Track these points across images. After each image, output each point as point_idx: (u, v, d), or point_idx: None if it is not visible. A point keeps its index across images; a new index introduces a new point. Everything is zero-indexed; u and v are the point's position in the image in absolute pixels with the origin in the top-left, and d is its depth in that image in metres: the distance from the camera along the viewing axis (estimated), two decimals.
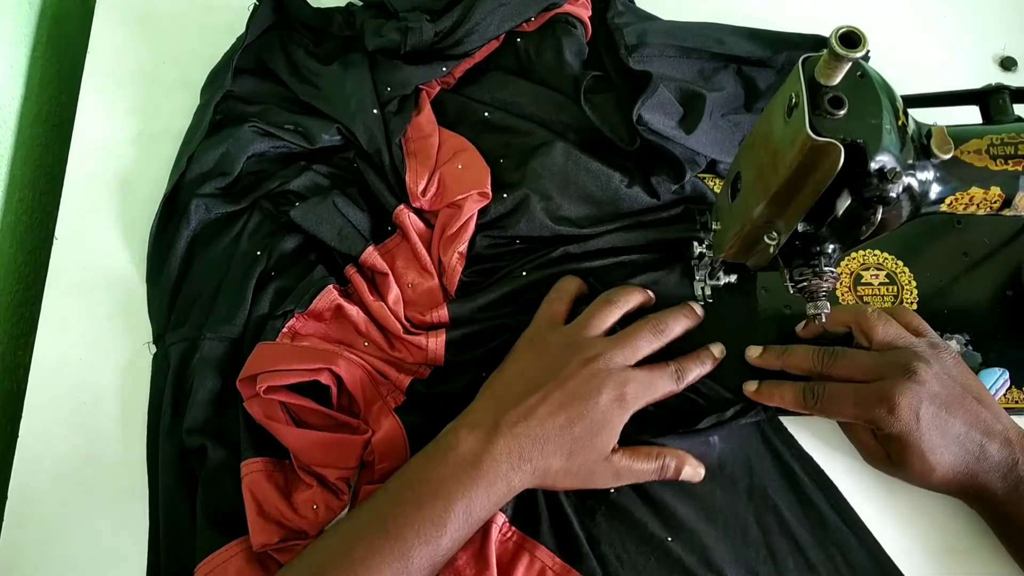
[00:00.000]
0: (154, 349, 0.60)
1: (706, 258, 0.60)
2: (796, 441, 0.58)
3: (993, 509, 0.53)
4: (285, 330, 0.58)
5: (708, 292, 0.61)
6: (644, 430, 0.56)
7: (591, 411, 0.52)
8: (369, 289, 0.60)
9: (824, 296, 0.51)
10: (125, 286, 0.63)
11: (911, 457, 0.52)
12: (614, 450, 0.53)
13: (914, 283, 0.63)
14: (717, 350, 0.58)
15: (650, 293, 0.60)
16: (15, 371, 0.67)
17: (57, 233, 0.65)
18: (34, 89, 0.73)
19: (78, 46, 0.74)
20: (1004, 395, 0.59)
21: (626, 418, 0.53)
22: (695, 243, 0.60)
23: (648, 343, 0.56)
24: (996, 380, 0.59)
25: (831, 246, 0.49)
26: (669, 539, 0.54)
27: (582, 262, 0.62)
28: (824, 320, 0.52)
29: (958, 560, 0.55)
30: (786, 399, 0.56)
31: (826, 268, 0.49)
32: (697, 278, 0.61)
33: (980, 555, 0.55)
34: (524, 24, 0.68)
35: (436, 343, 0.58)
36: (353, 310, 0.59)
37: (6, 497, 0.56)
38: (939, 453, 0.52)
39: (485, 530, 0.52)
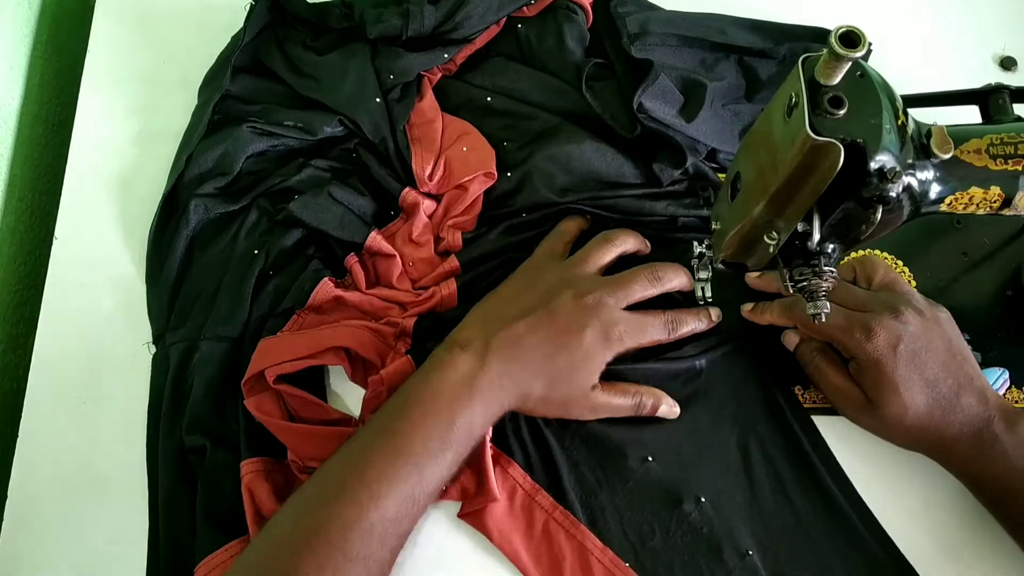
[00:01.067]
0: (154, 349, 0.60)
1: (706, 258, 0.60)
2: (787, 380, 0.59)
3: (966, 468, 0.53)
4: (286, 328, 0.58)
5: (708, 292, 0.61)
6: (628, 356, 0.57)
7: (574, 345, 0.53)
8: (368, 280, 0.60)
9: (824, 296, 0.51)
10: (125, 286, 0.63)
11: (885, 391, 0.52)
12: (593, 387, 0.54)
13: (914, 283, 0.63)
14: (715, 313, 0.59)
15: (647, 242, 0.61)
16: (15, 371, 0.67)
17: (57, 232, 0.65)
18: (34, 89, 0.73)
19: (78, 46, 0.74)
20: (1004, 395, 0.59)
21: (609, 357, 0.54)
22: (695, 243, 0.60)
23: (642, 288, 0.56)
24: (996, 380, 0.59)
25: (831, 246, 0.49)
26: (650, 458, 0.55)
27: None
28: (824, 319, 0.52)
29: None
30: (775, 313, 0.58)
31: (826, 268, 0.49)
32: (697, 278, 0.61)
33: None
34: (524, 8, 0.68)
35: (450, 290, 0.59)
36: (354, 296, 0.59)
37: (6, 497, 0.56)
38: (914, 391, 0.52)
39: (479, 444, 0.54)
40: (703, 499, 0.54)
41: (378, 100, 0.64)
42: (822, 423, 0.58)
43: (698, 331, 0.58)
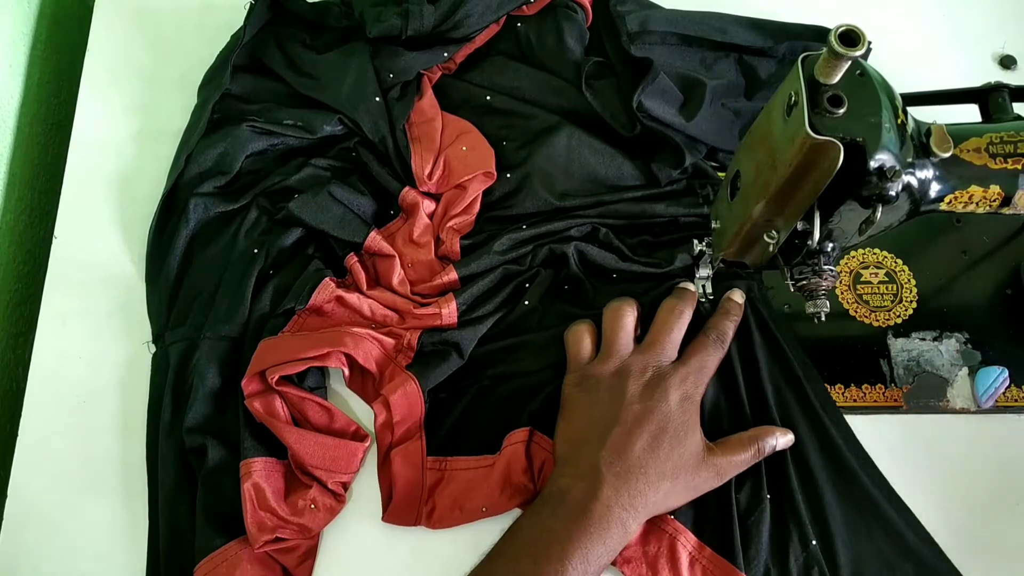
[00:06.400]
0: (153, 348, 0.60)
1: (706, 256, 0.60)
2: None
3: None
4: (287, 329, 0.58)
5: (708, 291, 0.61)
6: None
7: (668, 420, 0.53)
8: (368, 280, 0.60)
9: (823, 295, 0.51)
10: (124, 285, 0.63)
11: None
12: (709, 450, 0.53)
13: (913, 281, 0.63)
14: (737, 295, 0.59)
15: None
16: (15, 370, 0.67)
17: (56, 231, 0.65)
18: (33, 88, 0.73)
19: (77, 45, 0.74)
20: (1003, 393, 0.59)
21: (696, 408, 0.54)
22: (695, 241, 0.60)
23: (677, 324, 0.57)
24: (995, 379, 0.59)
25: (830, 244, 0.49)
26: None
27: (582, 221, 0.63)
28: (823, 319, 0.52)
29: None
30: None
31: (825, 267, 0.49)
32: (697, 276, 0.61)
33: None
34: (523, 7, 0.69)
35: (449, 309, 0.58)
36: (354, 298, 0.59)
37: (6, 497, 0.56)
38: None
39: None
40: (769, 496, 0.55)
41: (378, 99, 0.64)
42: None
43: (737, 325, 0.59)
